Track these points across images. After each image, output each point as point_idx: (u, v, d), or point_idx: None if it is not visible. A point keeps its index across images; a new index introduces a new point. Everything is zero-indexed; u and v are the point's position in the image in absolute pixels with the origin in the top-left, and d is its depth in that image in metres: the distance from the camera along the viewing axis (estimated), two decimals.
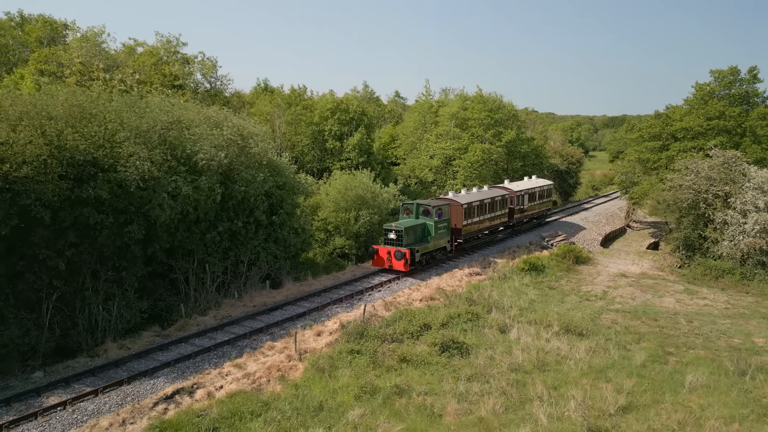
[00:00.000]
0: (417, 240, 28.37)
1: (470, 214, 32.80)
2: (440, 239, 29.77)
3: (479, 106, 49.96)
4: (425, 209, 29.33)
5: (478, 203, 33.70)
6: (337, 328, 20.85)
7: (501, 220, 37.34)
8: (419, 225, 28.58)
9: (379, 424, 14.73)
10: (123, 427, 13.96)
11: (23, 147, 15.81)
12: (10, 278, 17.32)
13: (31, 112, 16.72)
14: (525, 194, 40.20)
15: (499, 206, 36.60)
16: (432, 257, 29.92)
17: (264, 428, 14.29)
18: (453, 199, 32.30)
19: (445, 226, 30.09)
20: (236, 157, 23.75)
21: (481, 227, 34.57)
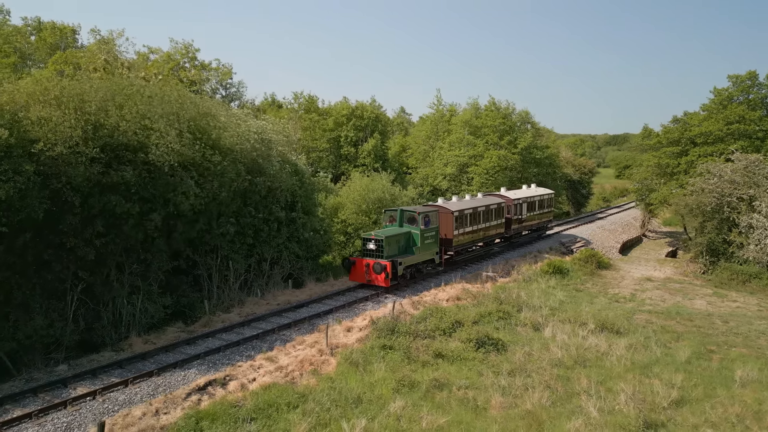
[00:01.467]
0: (400, 251, 24.95)
1: (462, 223, 29.25)
2: (427, 250, 26.23)
3: (493, 113, 49.71)
4: (410, 216, 25.92)
5: (471, 211, 30.14)
6: (367, 324, 20.27)
7: (497, 231, 33.70)
8: (403, 234, 25.19)
9: (423, 416, 14.07)
10: (156, 416, 13.32)
11: (57, 125, 15.41)
12: (37, 267, 16.83)
13: (69, 93, 16.38)
14: (523, 203, 36.65)
15: (494, 215, 32.89)
16: (418, 271, 26.28)
17: (302, 419, 13.62)
18: (442, 206, 28.86)
19: (432, 236, 26.54)
20: (260, 150, 23.36)
21: (474, 238, 30.94)
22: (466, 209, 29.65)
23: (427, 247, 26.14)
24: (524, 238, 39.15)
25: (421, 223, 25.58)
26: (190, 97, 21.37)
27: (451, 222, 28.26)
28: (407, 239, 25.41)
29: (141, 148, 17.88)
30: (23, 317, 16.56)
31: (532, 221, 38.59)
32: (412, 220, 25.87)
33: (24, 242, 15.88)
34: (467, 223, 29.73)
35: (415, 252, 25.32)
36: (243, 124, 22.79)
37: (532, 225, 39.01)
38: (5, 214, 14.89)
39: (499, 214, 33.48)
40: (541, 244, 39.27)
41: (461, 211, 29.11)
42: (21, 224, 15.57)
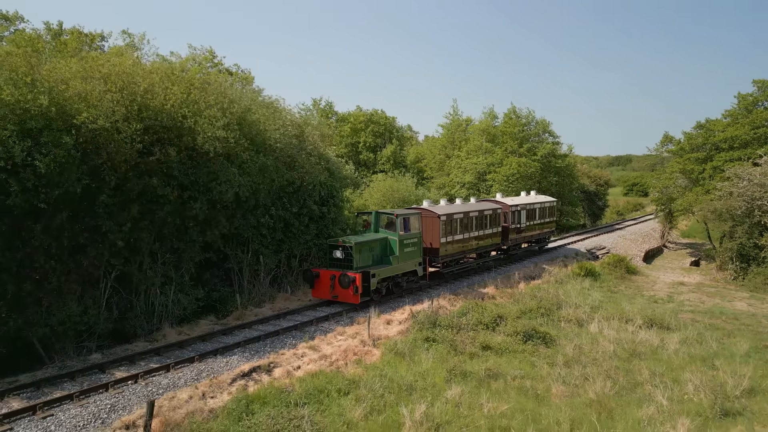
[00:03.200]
0: (375, 261, 20.99)
1: (451, 230, 25.15)
2: (408, 260, 22.07)
3: (513, 121, 49.37)
4: (388, 220, 22.13)
5: (462, 216, 25.90)
6: (407, 317, 19.56)
7: (492, 241, 29.22)
8: (378, 241, 21.23)
9: (482, 402, 13.27)
10: (204, 400, 12.57)
11: (100, 99, 14.94)
12: (72, 251, 16.20)
13: (118, 71, 15.97)
14: (522, 210, 32.20)
15: (489, 223, 28.55)
16: (397, 285, 22.07)
17: (356, 405, 12.85)
18: (427, 209, 24.65)
19: (414, 244, 22.40)
20: (295, 144, 22.90)
21: (465, 248, 26.63)
22: (456, 214, 25.46)
23: (407, 257, 21.96)
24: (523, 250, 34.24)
25: (399, 228, 21.53)
26: (239, 91, 20.95)
27: (437, 228, 24.18)
28: (383, 247, 21.40)
29: (187, 133, 17.39)
30: (56, 303, 15.88)
31: (532, 231, 34.02)
32: (389, 225, 21.95)
33: (60, 222, 15.28)
34: (457, 230, 25.59)
35: (392, 262, 21.18)
36: (285, 116, 22.38)
37: (532, 236, 34.20)
38: (44, 190, 14.35)
39: (494, 221, 29.12)
40: (557, 252, 38.51)
41: (449, 215, 24.98)
42: (58, 203, 15.01)
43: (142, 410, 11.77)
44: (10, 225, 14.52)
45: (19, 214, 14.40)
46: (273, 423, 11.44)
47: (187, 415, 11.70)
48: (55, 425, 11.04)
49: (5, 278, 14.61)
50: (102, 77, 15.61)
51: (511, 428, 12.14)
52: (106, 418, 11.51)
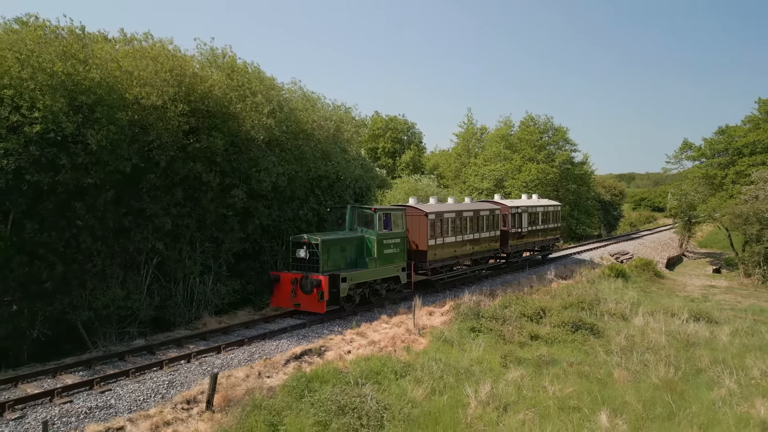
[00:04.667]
0: (347, 263, 17.59)
1: (441, 231, 21.70)
2: (388, 264, 18.67)
3: (530, 128, 49.28)
4: (364, 216, 18.48)
5: (453, 215, 22.45)
6: (449, 309, 19.20)
7: (490, 246, 25.43)
8: (352, 240, 17.92)
9: (545, 385, 12.86)
10: (260, 378, 12.20)
11: (152, 77, 14.81)
12: (116, 234, 15.94)
13: (166, 54, 15.89)
14: (523, 213, 28.32)
15: (486, 225, 24.92)
16: (375, 293, 18.74)
17: (416, 386, 12.46)
18: (413, 206, 21.39)
19: (397, 245, 19.01)
20: (332, 137, 22.75)
21: (458, 252, 23.00)
22: (447, 213, 22.12)
23: (387, 260, 18.60)
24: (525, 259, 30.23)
25: (378, 226, 18.18)
26: (270, 80, 20.89)
27: (424, 228, 20.74)
28: (358, 247, 18.09)
29: (232, 119, 17.25)
30: (100, 286, 15.57)
31: (535, 237, 29.92)
32: (366, 221, 18.39)
33: (105, 202, 15.03)
34: (448, 232, 22.19)
35: (368, 265, 17.77)
36: (322, 111, 22.29)
37: (535, 243, 30.08)
38: (93, 168, 14.15)
39: (492, 224, 25.54)
40: (570, 261, 38.06)
41: (439, 214, 21.57)
42: (105, 182, 14.79)
43: (200, 387, 11.42)
44: (56, 204, 14.30)
45: (64, 192, 14.18)
46: (337, 399, 11.04)
47: (247, 392, 11.33)
48: (114, 399, 10.67)
49: (52, 258, 14.35)
50: (152, 58, 15.49)
51: (580, 408, 11.72)
52: (165, 393, 11.15)
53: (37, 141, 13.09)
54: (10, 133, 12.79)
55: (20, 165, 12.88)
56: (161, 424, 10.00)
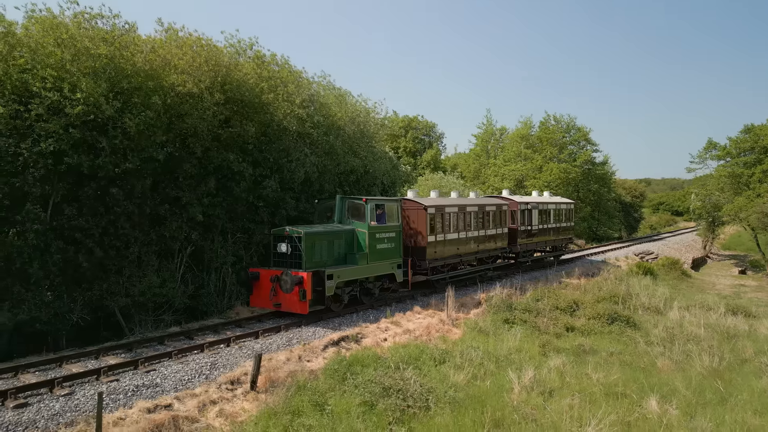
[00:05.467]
0: (335, 258, 16.02)
1: (442, 226, 19.94)
2: (381, 260, 17.01)
3: (552, 127, 48.97)
4: (354, 207, 16.93)
5: (456, 210, 20.72)
6: (480, 301, 19.01)
7: (497, 245, 23.60)
8: (340, 233, 16.30)
9: (587, 372, 12.64)
10: (301, 362, 12.13)
11: (188, 65, 14.92)
12: (152, 221, 16.03)
13: (200, 43, 16.03)
14: (533, 209, 26.33)
15: (492, 221, 23.10)
16: (367, 293, 17.18)
17: (457, 372, 12.31)
18: (412, 200, 19.75)
19: (391, 240, 17.41)
20: (360, 131, 22.76)
21: (461, 251, 21.17)
22: (448, 207, 20.43)
23: (380, 255, 16.93)
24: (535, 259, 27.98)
25: (370, 217, 16.58)
26: (298, 73, 20.96)
27: (423, 222, 19.06)
28: (348, 242, 16.49)
29: (264, 109, 17.31)
30: (136, 273, 15.64)
31: (546, 236, 27.83)
32: (356, 213, 16.83)
33: (143, 190, 15.13)
34: (450, 227, 20.48)
35: (358, 261, 16.14)
36: (350, 105, 22.34)
37: (546, 242, 27.98)
38: (131, 153, 14.26)
39: (499, 220, 23.67)
40: (588, 262, 37.57)
41: (440, 208, 19.86)
42: (142, 169, 14.89)
43: (242, 369, 11.40)
44: (95, 190, 14.41)
45: (104, 178, 14.29)
46: (381, 380, 10.93)
47: (289, 374, 11.27)
48: (160, 378, 10.67)
49: (90, 244, 14.44)
50: (188, 46, 15.60)
51: (627, 394, 11.49)
52: (209, 374, 11.13)
53: (77, 125, 13.21)
54: (52, 115, 12.92)
55: (61, 148, 13.00)
56: (207, 402, 9.98)
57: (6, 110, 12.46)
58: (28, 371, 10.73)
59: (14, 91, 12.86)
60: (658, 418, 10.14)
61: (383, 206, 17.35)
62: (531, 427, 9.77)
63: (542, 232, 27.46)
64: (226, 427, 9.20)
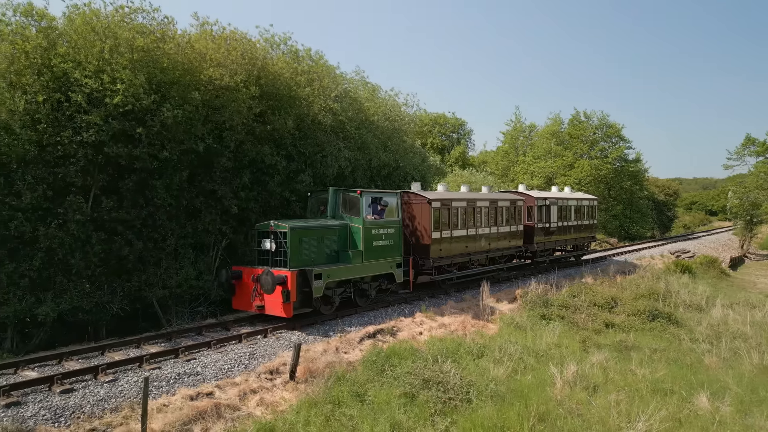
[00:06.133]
0: (324, 256, 14.58)
1: (449, 222, 18.26)
2: (378, 259, 15.51)
3: (583, 123, 48.09)
4: (349, 200, 15.38)
5: (464, 204, 19.12)
6: (515, 297, 18.71)
7: (510, 243, 21.78)
8: (331, 228, 14.87)
9: (632, 368, 12.28)
10: (338, 354, 12.05)
11: (224, 59, 15.00)
12: (188, 214, 16.16)
13: (234, 37, 16.16)
14: (552, 206, 24.31)
15: (505, 218, 21.32)
16: (361, 293, 15.75)
17: (496, 366, 12.07)
18: (416, 193, 18.05)
19: (390, 236, 15.89)
20: (391, 126, 22.64)
21: (471, 249, 19.43)
22: (456, 201, 18.77)
23: (377, 253, 15.43)
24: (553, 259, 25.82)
25: (365, 211, 15.13)
26: (331, 68, 20.97)
27: (427, 218, 17.43)
28: (341, 238, 15.03)
29: (298, 103, 17.32)
30: (173, 265, 15.80)
31: (566, 235, 25.89)
32: (351, 207, 15.29)
33: (181, 182, 15.26)
34: (457, 224, 18.72)
35: (352, 259, 14.71)
36: (383, 100, 22.28)
37: (566, 241, 26.03)
38: (168, 144, 14.40)
39: (513, 217, 21.89)
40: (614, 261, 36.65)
41: (446, 202, 18.17)
42: (180, 161, 15.03)
43: (281, 359, 11.38)
44: (135, 182, 14.58)
45: (143, 170, 14.46)
46: (421, 372, 10.78)
47: (327, 365, 11.20)
48: (200, 367, 10.72)
49: (129, 236, 14.62)
50: (223, 39, 15.70)
51: (675, 391, 11.10)
52: (248, 364, 11.13)
53: (116, 116, 13.39)
54: (92, 107, 13.11)
55: (101, 138, 13.18)
56: (248, 391, 9.97)
57: (47, 100, 12.68)
58: (72, 359, 10.88)
59: (55, 81, 13.08)
60: (710, 415, 9.77)
61: (381, 199, 15.80)
62: (577, 422, 9.50)
63: (562, 229, 25.61)
64: (268, 416, 9.16)
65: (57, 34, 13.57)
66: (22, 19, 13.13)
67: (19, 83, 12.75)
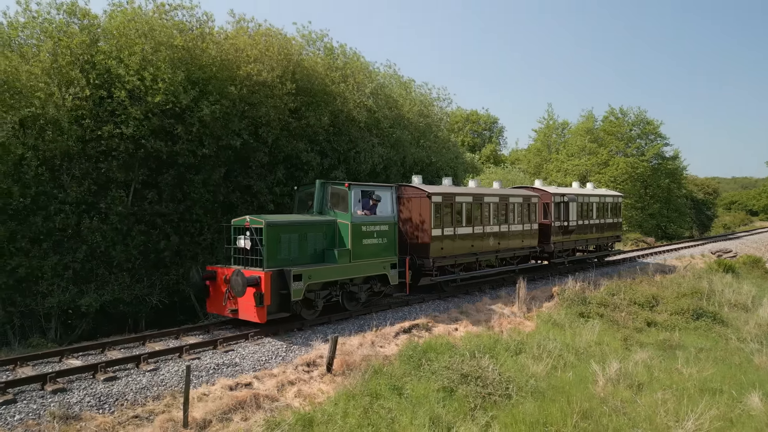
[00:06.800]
0: (308, 255, 13.16)
1: (451, 219, 16.79)
2: (369, 259, 14.02)
3: (619, 120, 47.02)
4: (336, 195, 13.93)
5: (471, 199, 17.64)
6: (551, 295, 18.35)
7: (524, 243, 20.16)
8: (316, 225, 13.42)
9: (677, 367, 11.87)
10: (374, 348, 11.98)
11: (261, 55, 15.13)
12: (224, 209, 16.35)
13: (272, 33, 16.31)
14: (572, 203, 22.60)
15: (517, 215, 19.73)
16: (350, 296, 14.14)
17: (535, 362, 11.81)
18: (414, 186, 16.56)
19: (383, 233, 14.38)
20: (424, 122, 22.51)
21: (477, 249, 17.86)
22: (459, 196, 17.24)
23: (367, 253, 13.96)
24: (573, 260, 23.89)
25: (354, 206, 13.68)
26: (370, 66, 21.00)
27: (427, 213, 16.02)
28: (328, 235, 13.62)
29: (333, 99, 17.36)
30: (209, 260, 15.99)
31: (586, 234, 24.03)
32: (339, 202, 13.89)
33: (219, 177, 15.46)
34: (462, 220, 17.25)
35: (338, 259, 13.22)
36: (416, 95, 22.18)
37: (587, 240, 24.17)
38: (206, 140, 14.57)
39: (526, 214, 20.27)
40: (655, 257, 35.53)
41: (448, 196, 16.73)
42: (218, 156, 15.20)
43: (317, 351, 11.35)
44: (173, 177, 14.82)
45: (182, 165, 14.66)
46: (459, 367, 10.62)
47: (363, 358, 11.13)
48: (239, 358, 10.78)
49: (169, 229, 14.85)
50: (260, 35, 15.82)
51: (724, 391, 10.67)
52: (285, 356, 11.15)
53: (156, 112, 13.61)
54: (134, 103, 13.35)
55: (142, 133, 13.42)
56: (285, 382, 9.97)
57: (91, 95, 12.97)
58: (114, 348, 11.08)
59: (98, 78, 13.38)
60: (764, 416, 9.34)
61: (373, 194, 14.24)
62: (622, 420, 9.21)
63: (582, 228, 23.77)
64: (306, 407, 9.14)
65: (99, 31, 13.89)
66: (66, 17, 13.46)
67: (65, 79, 13.10)
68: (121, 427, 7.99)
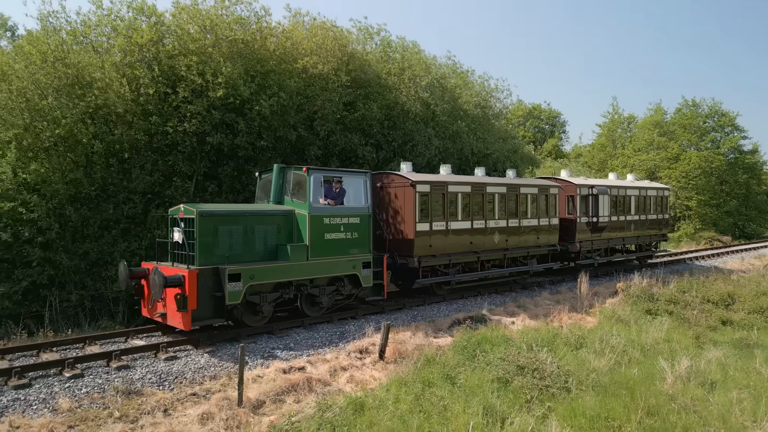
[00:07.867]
0: (256, 252, 11.36)
1: (442, 210, 14.64)
2: (335, 255, 12.17)
3: (692, 111, 44.43)
4: (296, 182, 12.13)
5: (469, 189, 15.41)
6: (615, 291, 17.55)
7: (540, 240, 17.72)
8: (267, 216, 11.64)
9: (755, 366, 11.01)
10: (427, 338, 11.83)
11: (318, 47, 15.33)
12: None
13: (329, 25, 16.57)
14: (603, 195, 19.91)
15: (532, 209, 17.36)
16: (309, 300, 12.23)
17: (597, 357, 11.28)
18: (396, 174, 14.46)
19: (353, 227, 12.48)
20: (482, 113, 22.11)
21: (478, 246, 15.66)
22: (453, 184, 15.03)
23: (331, 249, 12.10)
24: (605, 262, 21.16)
25: (314, 194, 11.76)
26: (430, 59, 20.87)
27: (411, 205, 13.88)
28: (284, 229, 11.78)
29: (388, 91, 17.35)
30: None
31: (624, 232, 21.26)
32: (298, 190, 12.06)
33: None
34: (457, 213, 15.05)
35: (292, 257, 11.36)
36: (474, 86, 21.89)
37: (624, 239, 21.45)
38: (265, 133, 14.86)
39: (543, 208, 17.79)
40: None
41: (438, 185, 14.57)
42: (275, 148, 15.48)
43: (370, 339, 11.33)
44: (233, 168, 15.21)
45: (241, 157, 15.03)
46: (515, 359, 10.29)
47: (416, 348, 11.02)
48: (293, 343, 10.93)
49: None
50: (317, 28, 16.02)
51: None
52: (338, 343, 11.21)
53: (218, 106, 14.00)
54: (196, 98, 13.79)
55: (204, 129, 13.84)
56: (338, 368, 10.00)
57: (156, 92, 13.50)
58: (175, 331, 11.48)
59: (163, 75, 13.92)
60: None
61: (339, 181, 12.19)
62: (693, 418, 8.60)
63: (616, 225, 20.89)
64: (358, 392, 9.11)
65: (165, 29, 14.46)
66: (134, 15, 14.09)
67: (133, 76, 13.73)
68: (180, 404, 8.23)
